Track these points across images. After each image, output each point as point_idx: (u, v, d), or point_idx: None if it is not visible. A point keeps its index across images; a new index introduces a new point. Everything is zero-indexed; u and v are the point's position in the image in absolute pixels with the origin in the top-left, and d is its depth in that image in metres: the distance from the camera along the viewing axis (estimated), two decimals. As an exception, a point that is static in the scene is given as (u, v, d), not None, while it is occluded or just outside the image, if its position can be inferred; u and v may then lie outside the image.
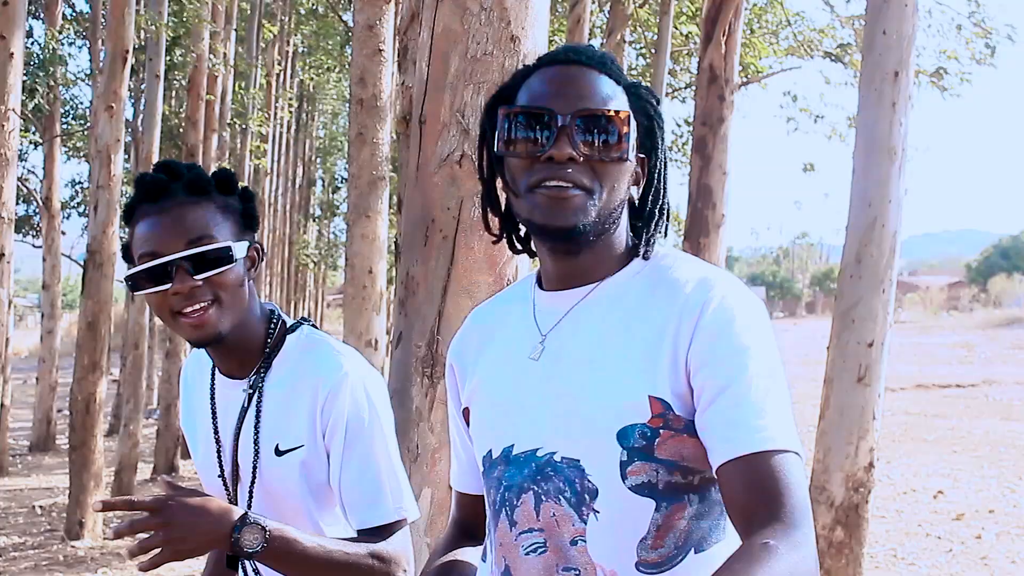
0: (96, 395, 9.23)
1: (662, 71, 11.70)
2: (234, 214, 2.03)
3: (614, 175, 1.53)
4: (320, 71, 26.47)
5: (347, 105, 17.28)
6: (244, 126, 17.61)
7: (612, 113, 1.51)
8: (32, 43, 15.12)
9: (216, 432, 2.07)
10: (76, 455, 9.22)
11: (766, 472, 1.37)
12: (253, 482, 2.02)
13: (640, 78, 16.03)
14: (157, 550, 1.63)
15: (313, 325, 2.11)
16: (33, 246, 18.60)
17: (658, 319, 1.51)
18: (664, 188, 1.63)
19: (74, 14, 17.45)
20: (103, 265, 9.26)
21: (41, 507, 11.22)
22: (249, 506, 2.04)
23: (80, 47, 18.72)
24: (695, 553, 1.49)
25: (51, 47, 14.31)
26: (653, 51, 13.69)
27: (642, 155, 1.60)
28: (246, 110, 18.14)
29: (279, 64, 22.05)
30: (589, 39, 13.61)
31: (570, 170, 1.50)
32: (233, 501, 2.06)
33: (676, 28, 14.43)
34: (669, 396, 1.47)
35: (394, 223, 7.55)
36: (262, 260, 2.09)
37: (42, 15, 16.08)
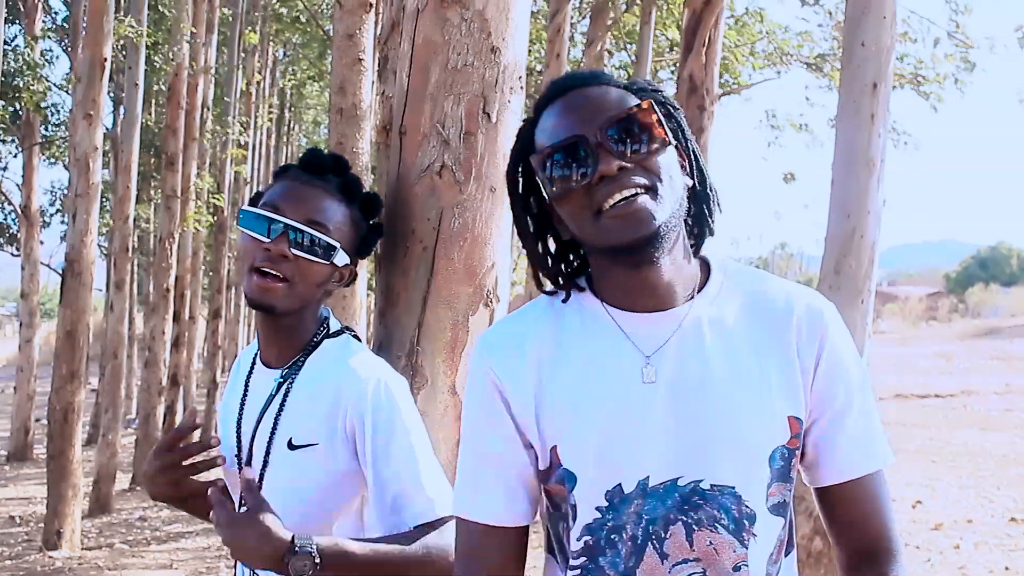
0: (74, 404, 9.16)
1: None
2: (358, 232, 2.12)
3: (665, 165, 1.52)
4: (301, 80, 26.44)
5: (327, 114, 17.18)
6: (224, 134, 17.53)
7: (635, 110, 1.51)
8: (10, 50, 15.03)
9: (240, 415, 2.11)
10: (54, 465, 9.15)
11: (875, 493, 1.56)
12: (264, 471, 2.04)
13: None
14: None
15: (356, 336, 2.14)
16: (12, 254, 18.48)
17: (783, 338, 1.55)
18: (703, 167, 1.64)
19: (54, 23, 17.35)
20: (82, 274, 9.19)
21: (19, 517, 11.14)
22: None
23: (56, 53, 18.64)
24: (785, 557, 1.58)
25: (28, 54, 14.23)
26: (634, 59, 13.69)
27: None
28: (226, 118, 18.06)
29: (259, 72, 21.99)
30: (570, 49, 13.62)
31: (625, 178, 1.49)
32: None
33: (664, 35, 14.42)
34: (802, 414, 1.54)
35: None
36: (348, 283, 2.14)
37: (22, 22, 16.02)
